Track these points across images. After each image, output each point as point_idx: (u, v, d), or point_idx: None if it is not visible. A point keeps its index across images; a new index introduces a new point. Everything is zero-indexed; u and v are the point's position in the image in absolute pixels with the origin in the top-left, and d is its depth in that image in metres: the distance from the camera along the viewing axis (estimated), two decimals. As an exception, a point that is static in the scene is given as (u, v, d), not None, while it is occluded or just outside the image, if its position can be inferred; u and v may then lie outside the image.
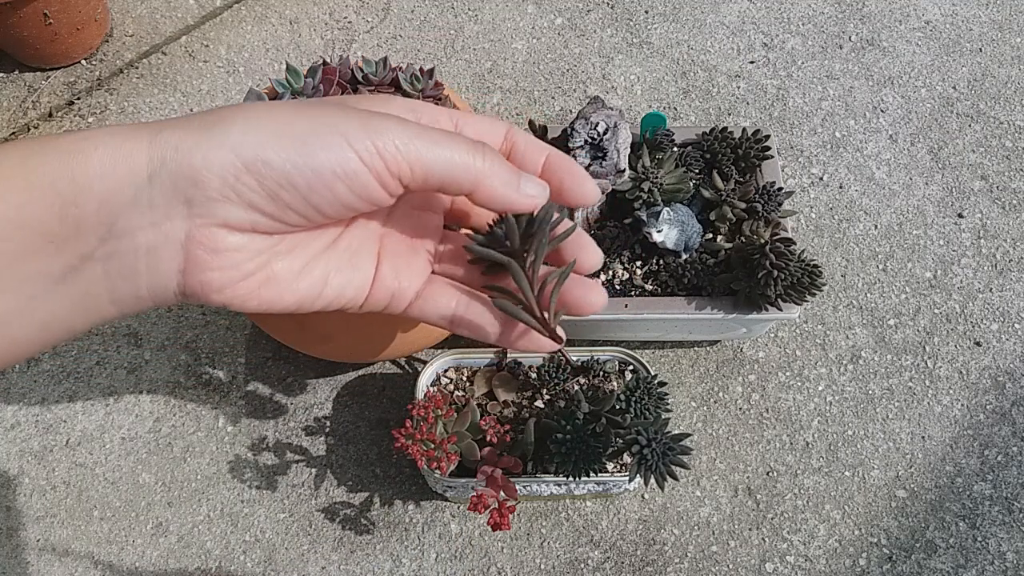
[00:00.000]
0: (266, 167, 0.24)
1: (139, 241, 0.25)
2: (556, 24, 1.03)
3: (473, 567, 0.69)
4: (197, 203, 0.24)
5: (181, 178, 0.24)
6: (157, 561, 0.69)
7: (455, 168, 0.27)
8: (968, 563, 0.69)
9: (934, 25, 1.03)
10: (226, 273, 0.27)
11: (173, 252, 0.25)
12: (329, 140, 0.25)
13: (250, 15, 1.03)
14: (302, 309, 0.30)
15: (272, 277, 0.28)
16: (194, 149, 0.24)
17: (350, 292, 0.31)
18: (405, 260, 0.33)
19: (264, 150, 0.24)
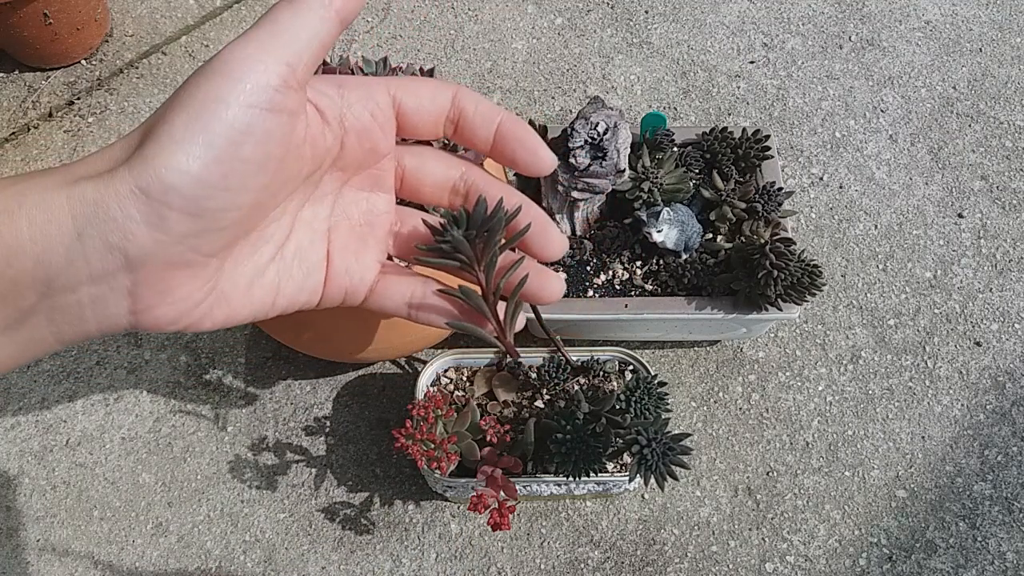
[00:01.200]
0: (176, 188, 0.23)
1: (81, 295, 0.24)
2: (556, 24, 1.03)
3: (473, 567, 0.69)
4: (133, 254, 0.24)
5: (111, 233, 0.23)
6: (157, 561, 0.69)
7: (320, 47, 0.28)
8: (968, 563, 0.69)
9: (934, 25, 1.03)
10: (177, 307, 0.26)
11: (119, 299, 0.25)
12: (203, 114, 0.24)
13: (250, 15, 1.03)
14: (257, 319, 0.30)
15: (223, 297, 0.28)
16: (110, 201, 0.23)
17: (303, 297, 0.31)
18: (355, 253, 0.32)
19: (165, 173, 0.23)
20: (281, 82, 0.25)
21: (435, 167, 0.32)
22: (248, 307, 0.29)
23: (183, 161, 0.23)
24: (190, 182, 0.23)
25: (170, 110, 0.24)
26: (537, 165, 0.31)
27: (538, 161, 0.31)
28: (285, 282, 0.30)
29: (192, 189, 0.23)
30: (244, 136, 0.24)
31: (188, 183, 0.23)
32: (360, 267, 0.32)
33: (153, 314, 0.26)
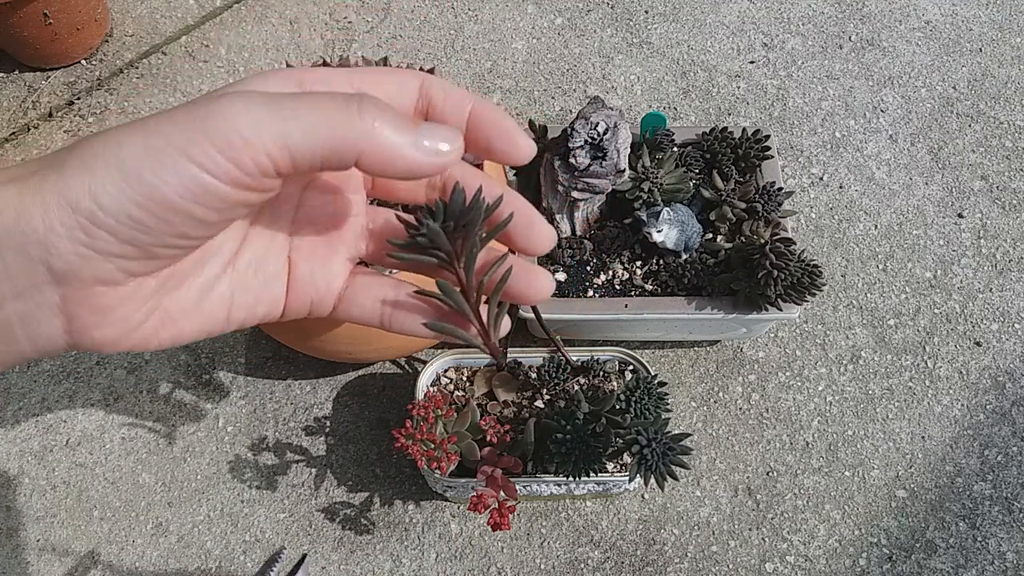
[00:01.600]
0: (108, 215, 0.21)
1: (7, 311, 0.22)
2: (556, 24, 1.03)
3: (473, 567, 0.69)
4: (58, 268, 0.22)
5: (31, 245, 0.21)
6: (157, 561, 0.69)
7: (325, 137, 0.22)
8: (968, 563, 0.69)
9: (934, 25, 1.03)
10: (117, 328, 0.24)
11: (50, 317, 0.23)
12: (165, 161, 0.21)
13: (250, 15, 1.03)
14: (211, 335, 0.27)
15: (167, 316, 0.25)
16: (34, 211, 0.21)
17: (262, 309, 0.28)
18: (322, 259, 0.29)
19: (99, 196, 0.21)
20: (265, 167, 0.22)
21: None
22: (198, 325, 0.26)
23: (123, 191, 0.21)
24: (124, 217, 0.21)
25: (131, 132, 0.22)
26: (515, 153, 0.28)
27: (515, 149, 0.28)
28: (240, 295, 0.27)
29: (126, 222, 0.21)
30: (198, 197, 0.21)
31: (122, 216, 0.21)
32: (327, 273, 0.29)
33: (91, 335, 0.24)
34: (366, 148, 0.22)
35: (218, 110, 0.21)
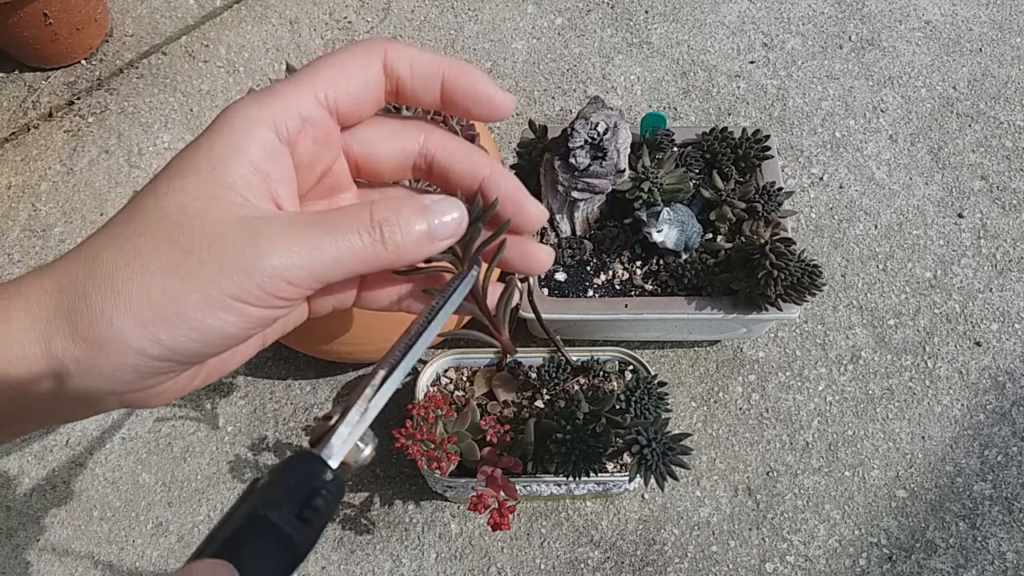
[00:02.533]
0: (165, 349, 0.23)
1: (64, 406, 0.25)
2: (556, 24, 1.03)
3: (473, 567, 0.69)
4: (111, 399, 0.25)
5: (92, 391, 0.24)
6: (157, 561, 0.69)
7: (352, 270, 0.25)
8: (968, 563, 0.69)
9: (934, 25, 1.03)
10: (167, 395, 0.26)
11: (105, 401, 0.25)
12: (214, 310, 0.23)
13: (250, 15, 1.03)
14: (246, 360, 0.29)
15: (210, 371, 0.28)
16: (92, 370, 0.23)
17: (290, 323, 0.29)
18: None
19: (158, 333, 0.23)
20: (307, 294, 0.25)
21: (388, 148, 0.28)
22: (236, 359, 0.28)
23: (182, 334, 0.23)
24: (184, 348, 0.24)
25: (177, 279, 0.23)
26: (493, 113, 0.28)
27: (494, 109, 0.28)
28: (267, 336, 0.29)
29: (182, 354, 0.24)
30: (242, 323, 0.24)
31: (180, 348, 0.23)
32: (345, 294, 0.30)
33: (141, 403, 0.26)
34: (389, 262, 0.25)
35: (259, 253, 0.23)
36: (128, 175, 0.90)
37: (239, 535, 0.20)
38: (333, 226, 0.24)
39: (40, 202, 0.88)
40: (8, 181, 0.90)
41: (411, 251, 0.25)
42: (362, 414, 0.23)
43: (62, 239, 0.85)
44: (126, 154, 0.92)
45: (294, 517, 0.20)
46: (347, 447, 0.23)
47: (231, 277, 0.23)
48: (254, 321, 0.24)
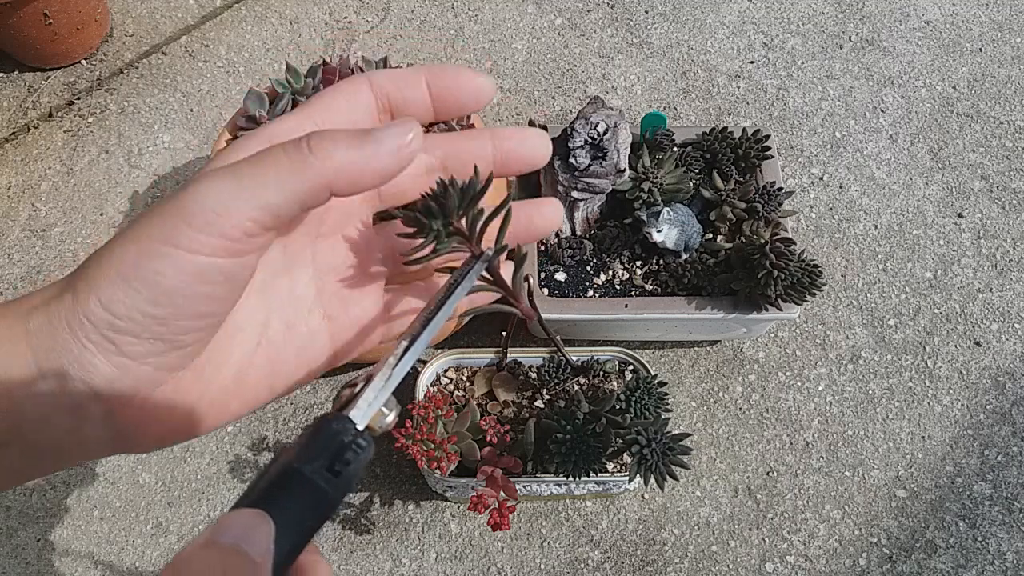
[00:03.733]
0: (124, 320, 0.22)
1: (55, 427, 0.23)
2: (556, 24, 1.03)
3: (473, 567, 0.69)
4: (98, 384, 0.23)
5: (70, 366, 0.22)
6: (157, 561, 0.69)
7: (291, 185, 0.22)
8: (968, 563, 0.69)
9: (934, 25, 1.03)
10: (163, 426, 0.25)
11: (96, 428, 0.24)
12: (155, 257, 0.22)
13: (250, 15, 1.03)
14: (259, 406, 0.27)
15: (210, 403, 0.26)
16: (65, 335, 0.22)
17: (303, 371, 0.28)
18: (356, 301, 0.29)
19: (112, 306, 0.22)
20: (251, 230, 0.22)
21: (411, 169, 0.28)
22: (242, 402, 0.26)
23: (130, 296, 0.22)
24: (140, 317, 0.22)
25: (124, 239, 0.22)
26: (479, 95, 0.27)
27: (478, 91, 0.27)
28: (280, 364, 0.27)
29: (142, 321, 0.22)
30: (197, 277, 0.22)
31: (137, 317, 0.22)
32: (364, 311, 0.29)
33: (137, 440, 0.24)
34: (332, 177, 0.23)
35: (188, 196, 0.22)
36: (128, 175, 0.90)
37: (273, 488, 0.21)
38: (263, 151, 0.23)
39: (40, 202, 0.88)
40: (8, 181, 0.90)
41: (341, 153, 0.23)
42: (386, 381, 0.24)
43: (62, 239, 0.85)
44: (126, 154, 0.92)
45: (325, 471, 0.21)
46: (372, 411, 0.23)
47: (161, 222, 0.22)
48: (199, 272, 0.22)
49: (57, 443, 0.24)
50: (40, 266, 0.84)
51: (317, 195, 0.23)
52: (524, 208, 0.30)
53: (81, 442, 0.24)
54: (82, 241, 0.85)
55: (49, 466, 0.24)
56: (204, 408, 0.25)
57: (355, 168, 0.23)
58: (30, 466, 0.24)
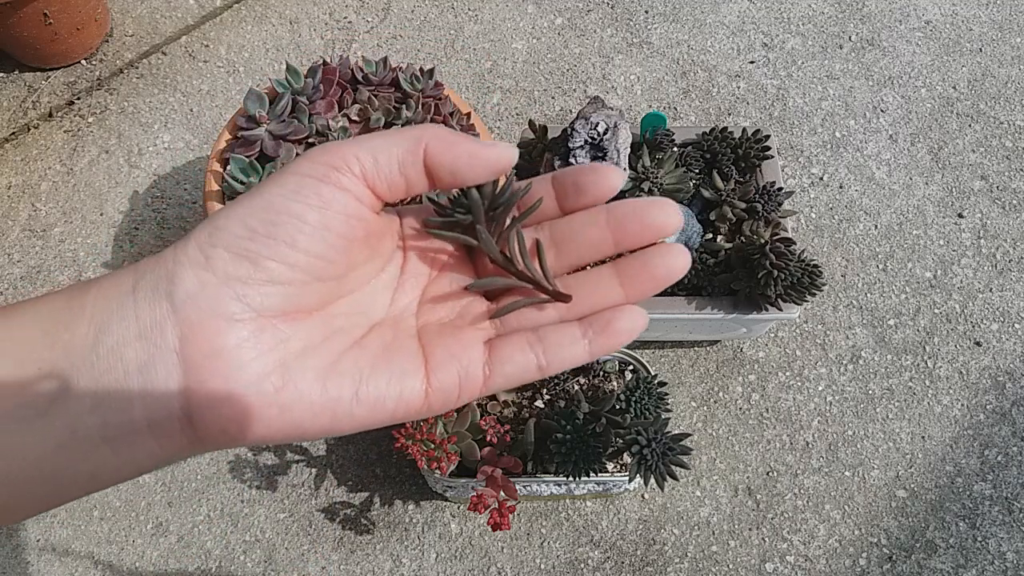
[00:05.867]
0: (224, 229, 0.23)
1: (128, 358, 0.22)
2: (556, 24, 1.03)
3: (473, 567, 0.69)
4: (178, 298, 0.22)
5: (160, 280, 0.23)
6: (157, 561, 0.69)
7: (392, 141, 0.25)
8: (968, 563, 0.69)
9: (934, 25, 1.03)
10: (232, 382, 0.23)
11: (168, 365, 0.22)
12: (278, 181, 0.24)
13: (250, 15, 1.03)
14: (333, 429, 0.25)
15: (288, 399, 0.24)
16: (166, 253, 0.23)
17: (391, 402, 0.25)
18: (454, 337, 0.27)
19: (219, 219, 0.23)
20: (351, 164, 0.25)
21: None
22: (319, 410, 0.24)
23: (235, 208, 0.23)
24: (237, 225, 0.23)
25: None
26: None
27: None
28: (370, 380, 0.25)
29: (238, 230, 0.23)
30: (295, 193, 0.24)
31: (235, 226, 0.23)
32: (468, 356, 0.27)
33: (207, 389, 0.23)
34: (428, 140, 0.25)
35: (323, 147, 0.25)
36: (128, 175, 0.90)
37: None
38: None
39: (40, 202, 0.88)
40: (8, 181, 0.90)
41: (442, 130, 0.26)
42: None
43: (62, 239, 0.85)
44: (126, 154, 0.92)
45: None
46: None
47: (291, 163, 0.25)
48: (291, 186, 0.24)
49: (125, 389, 0.22)
50: (40, 266, 0.84)
51: (415, 151, 0.25)
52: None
53: (148, 388, 0.22)
54: (82, 241, 0.85)
55: (112, 425, 0.22)
56: (281, 404, 0.24)
57: (448, 136, 0.25)
58: (94, 426, 0.22)
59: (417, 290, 0.29)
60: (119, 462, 0.23)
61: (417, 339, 0.27)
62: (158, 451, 0.23)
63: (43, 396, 0.22)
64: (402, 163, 0.25)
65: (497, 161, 0.26)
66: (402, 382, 0.25)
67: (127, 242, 0.85)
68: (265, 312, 0.24)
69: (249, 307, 0.23)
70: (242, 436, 0.23)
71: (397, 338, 0.27)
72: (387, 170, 0.25)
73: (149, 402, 0.23)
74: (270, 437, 0.24)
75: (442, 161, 0.25)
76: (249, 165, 0.63)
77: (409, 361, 0.26)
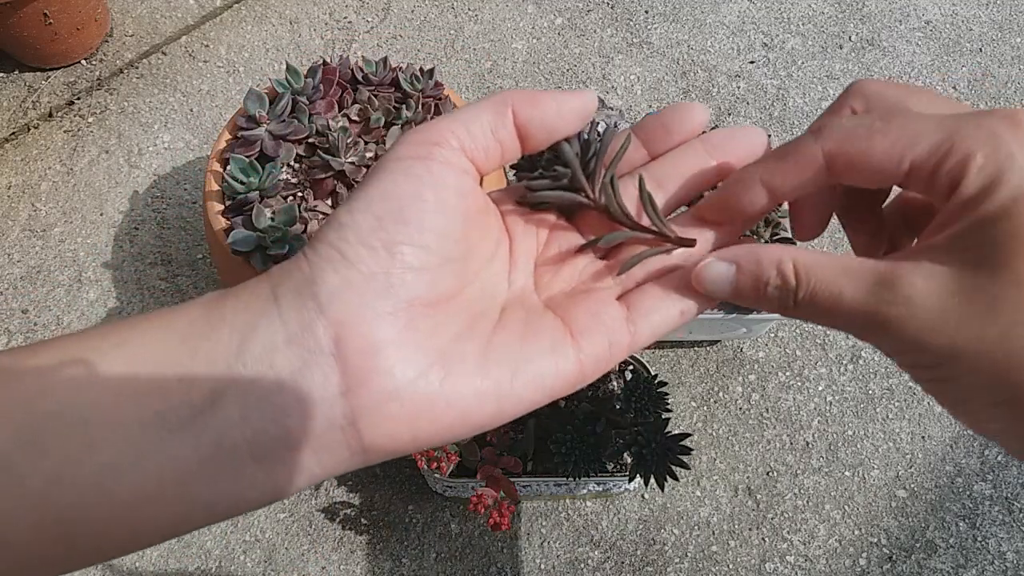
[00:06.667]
0: (354, 218, 0.23)
1: (279, 365, 0.21)
2: (556, 24, 1.03)
3: (473, 567, 0.69)
4: (323, 297, 0.22)
5: (302, 285, 0.22)
6: (157, 561, 0.69)
7: (481, 108, 0.25)
8: (968, 563, 0.69)
9: (934, 25, 1.03)
10: (396, 377, 0.22)
11: (325, 368, 0.21)
12: (395, 168, 0.24)
13: (250, 15, 1.03)
14: (501, 415, 0.24)
15: (447, 375, 0.23)
16: (301, 259, 0.23)
17: (549, 379, 0.24)
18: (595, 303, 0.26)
19: (348, 211, 0.23)
20: (447, 138, 0.24)
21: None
22: (482, 392, 0.23)
23: (354, 203, 0.23)
24: (363, 217, 0.23)
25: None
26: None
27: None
28: (525, 361, 0.24)
29: (365, 222, 0.23)
30: (404, 176, 0.23)
31: (361, 219, 0.23)
32: (608, 314, 0.26)
33: (370, 389, 0.21)
34: (514, 101, 0.25)
35: (418, 129, 0.25)
36: (128, 175, 0.90)
37: None
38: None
39: (40, 202, 0.88)
40: (8, 181, 0.90)
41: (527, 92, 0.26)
42: None
43: (62, 239, 0.85)
44: (126, 154, 0.92)
45: None
46: None
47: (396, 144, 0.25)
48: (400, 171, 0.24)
49: (278, 393, 0.21)
50: (40, 266, 0.84)
51: (503, 113, 0.25)
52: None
53: (305, 393, 0.21)
54: (82, 241, 0.85)
55: (262, 437, 0.21)
56: (442, 381, 0.22)
57: (531, 95, 0.25)
58: (241, 437, 0.21)
59: (529, 266, 0.28)
60: (270, 481, 0.21)
61: (551, 311, 0.26)
62: (315, 467, 0.22)
63: (186, 405, 0.21)
64: (495, 128, 0.25)
65: (583, 107, 0.26)
66: (555, 354, 0.24)
67: (127, 242, 0.85)
68: (414, 302, 0.23)
69: (398, 298, 0.22)
70: (411, 437, 0.22)
71: (530, 315, 0.26)
72: (482, 138, 0.25)
73: (308, 410, 0.21)
74: (437, 435, 0.22)
75: (531, 116, 0.25)
76: (249, 165, 0.63)
77: (553, 333, 0.25)
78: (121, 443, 0.20)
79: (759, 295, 0.25)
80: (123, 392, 0.21)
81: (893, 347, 0.23)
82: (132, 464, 0.20)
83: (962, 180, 0.21)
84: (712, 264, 0.26)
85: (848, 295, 0.23)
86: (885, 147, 0.23)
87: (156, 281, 0.83)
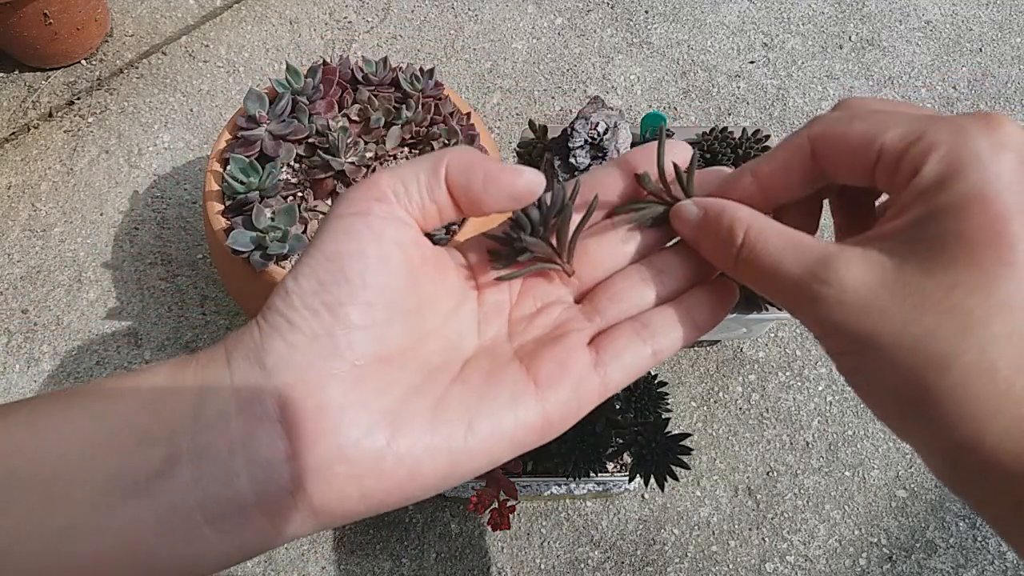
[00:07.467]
0: (299, 283, 0.23)
1: (232, 431, 0.21)
2: (556, 24, 1.03)
3: (473, 567, 0.69)
4: (270, 363, 0.22)
5: (251, 351, 0.23)
6: (157, 561, 0.69)
7: (419, 168, 0.25)
8: (968, 563, 0.69)
9: (934, 25, 1.03)
10: (341, 437, 0.22)
11: (272, 434, 0.22)
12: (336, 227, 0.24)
13: (250, 15, 1.03)
14: (454, 474, 0.23)
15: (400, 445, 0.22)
16: (252, 327, 0.23)
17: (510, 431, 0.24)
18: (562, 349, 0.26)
19: (295, 278, 0.23)
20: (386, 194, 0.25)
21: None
22: (435, 449, 0.23)
23: (299, 268, 0.23)
24: (306, 282, 0.23)
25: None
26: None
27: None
28: (483, 412, 0.24)
29: (308, 286, 0.23)
30: (345, 233, 0.24)
31: (304, 284, 0.23)
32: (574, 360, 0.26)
33: (316, 452, 0.21)
34: (449, 160, 0.25)
35: (358, 185, 0.25)
36: (128, 175, 0.90)
37: None
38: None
39: (40, 202, 0.88)
40: (8, 181, 0.90)
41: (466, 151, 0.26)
42: None
43: (62, 239, 0.85)
44: (126, 154, 0.92)
45: None
46: None
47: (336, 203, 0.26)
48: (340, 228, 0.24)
49: (229, 460, 0.21)
50: (40, 266, 0.84)
51: (438, 174, 0.25)
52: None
53: (253, 460, 0.21)
54: (82, 241, 0.85)
55: (213, 502, 0.21)
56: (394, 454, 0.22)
57: (467, 158, 0.25)
58: (194, 502, 0.21)
59: (502, 317, 0.28)
60: (224, 544, 0.22)
61: (518, 361, 0.26)
62: (269, 529, 0.22)
63: (142, 468, 0.21)
64: (429, 189, 0.25)
65: (512, 186, 0.25)
66: (514, 405, 0.24)
67: (127, 242, 0.85)
68: (359, 360, 0.23)
69: (343, 358, 0.22)
70: (360, 496, 0.22)
71: (496, 365, 0.26)
72: (417, 197, 0.25)
73: (255, 473, 0.21)
74: (388, 494, 0.22)
75: (458, 185, 0.25)
76: (249, 165, 0.63)
77: (515, 383, 0.25)
78: (82, 504, 0.21)
79: (711, 244, 0.26)
80: (86, 454, 0.21)
81: (818, 328, 0.23)
82: (92, 527, 0.21)
83: (922, 168, 0.21)
84: (688, 204, 0.27)
85: (787, 266, 0.23)
86: (861, 129, 0.23)
87: (156, 281, 0.83)
